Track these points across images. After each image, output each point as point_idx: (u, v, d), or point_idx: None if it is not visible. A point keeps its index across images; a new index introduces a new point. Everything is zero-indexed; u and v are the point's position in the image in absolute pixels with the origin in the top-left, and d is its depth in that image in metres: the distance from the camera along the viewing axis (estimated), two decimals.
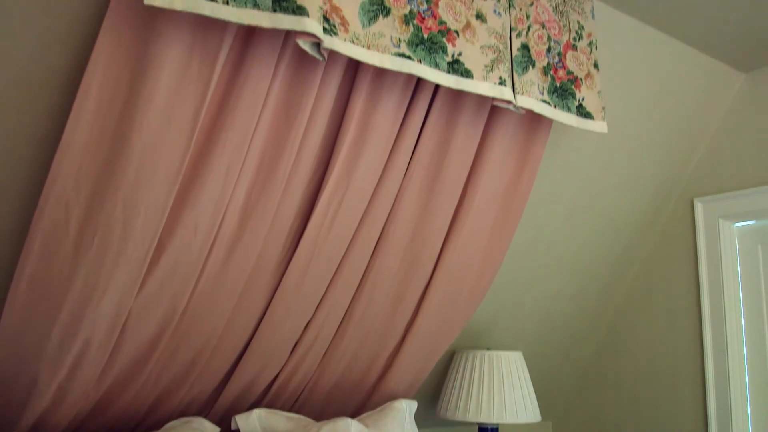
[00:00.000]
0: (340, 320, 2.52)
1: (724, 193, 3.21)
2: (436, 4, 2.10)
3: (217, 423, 2.44)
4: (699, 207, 3.30)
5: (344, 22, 1.90)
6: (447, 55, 2.08)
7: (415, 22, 2.04)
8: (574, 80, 2.41)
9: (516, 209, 2.62)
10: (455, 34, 2.12)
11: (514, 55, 2.26)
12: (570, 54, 2.42)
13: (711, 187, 3.29)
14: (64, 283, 1.88)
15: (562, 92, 2.37)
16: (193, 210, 1.97)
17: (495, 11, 2.23)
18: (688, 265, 3.32)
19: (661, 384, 3.38)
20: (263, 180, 2.09)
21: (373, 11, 1.96)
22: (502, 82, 2.18)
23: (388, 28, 1.98)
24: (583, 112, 2.42)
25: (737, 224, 3.24)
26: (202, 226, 2.01)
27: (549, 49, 2.37)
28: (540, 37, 2.35)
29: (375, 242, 2.42)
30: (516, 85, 2.25)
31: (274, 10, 1.73)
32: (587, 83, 2.45)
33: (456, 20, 2.13)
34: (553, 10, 2.42)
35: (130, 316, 2.06)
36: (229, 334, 2.31)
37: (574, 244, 3.29)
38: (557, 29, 2.41)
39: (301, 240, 2.25)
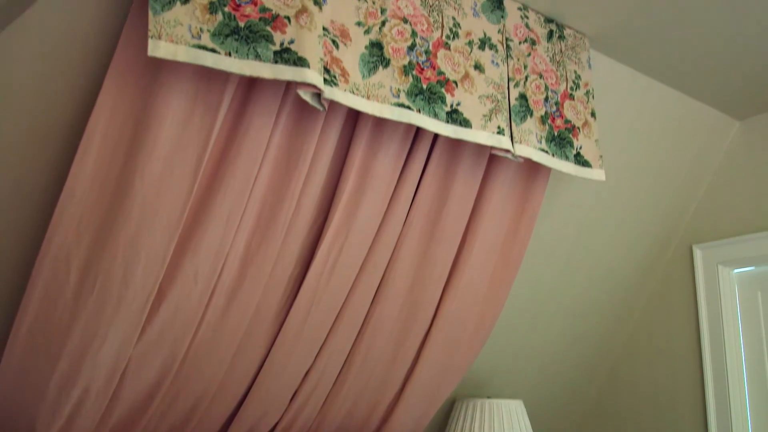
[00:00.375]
0: (340, 367, 2.51)
1: (723, 239, 3.22)
2: (435, 55, 2.13)
3: None
4: (698, 253, 3.30)
5: (344, 73, 1.93)
6: (446, 105, 2.11)
7: (414, 72, 2.07)
8: (572, 129, 2.44)
9: (515, 257, 2.62)
10: (454, 85, 2.15)
11: (512, 104, 2.29)
12: (567, 103, 2.46)
13: (709, 233, 3.30)
14: (64, 330, 1.88)
15: (560, 141, 2.40)
16: (193, 258, 1.98)
17: (493, 62, 2.27)
18: (688, 312, 3.31)
19: (663, 430, 3.35)
20: (264, 228, 2.10)
21: (372, 62, 2.00)
22: (500, 132, 2.20)
23: (388, 78, 2.02)
24: (580, 160, 2.44)
25: (736, 270, 3.23)
26: (202, 273, 2.01)
27: (546, 99, 2.40)
28: (537, 86, 2.38)
29: (375, 289, 2.43)
30: (514, 134, 2.27)
31: (276, 62, 1.77)
32: (585, 132, 2.48)
33: (454, 71, 2.16)
34: (550, 61, 2.45)
35: (129, 364, 2.05)
36: (229, 381, 2.30)
37: (574, 291, 3.29)
38: (554, 79, 2.44)
39: (301, 288, 2.26)
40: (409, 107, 2.03)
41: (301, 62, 1.77)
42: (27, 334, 1.86)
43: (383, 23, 2.06)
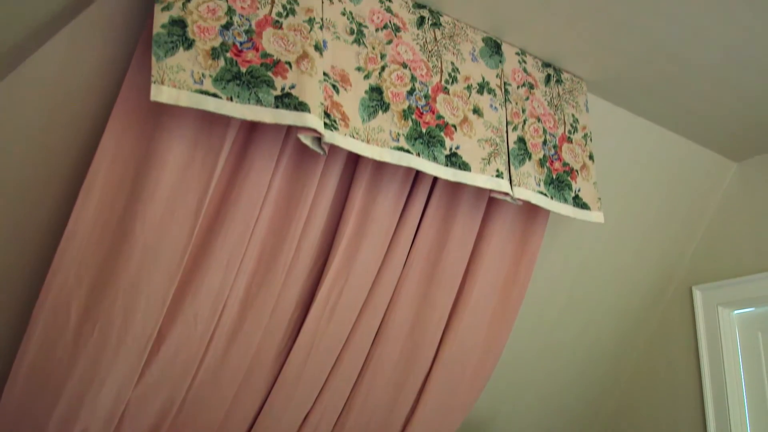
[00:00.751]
0: (340, 410, 2.49)
1: (722, 280, 3.21)
2: (434, 100, 2.16)
3: None
4: (698, 295, 3.29)
5: (344, 118, 1.95)
6: (445, 149, 2.13)
7: (413, 116, 2.09)
8: (570, 172, 2.46)
9: (515, 299, 2.62)
10: (453, 128, 2.17)
11: (510, 147, 2.31)
12: (565, 146, 2.48)
13: (709, 274, 3.29)
14: (63, 372, 1.87)
15: (559, 183, 2.41)
16: (193, 300, 1.98)
17: (491, 106, 2.29)
18: (689, 353, 3.29)
19: None
20: (264, 271, 2.11)
21: (372, 107, 2.02)
22: (499, 175, 2.22)
23: (388, 122, 2.04)
24: (579, 202, 2.46)
25: (736, 311, 3.22)
26: (202, 316, 2.02)
27: (545, 142, 2.42)
28: (536, 130, 2.40)
29: (375, 332, 2.42)
30: (513, 177, 2.29)
31: (277, 107, 1.79)
32: (583, 174, 2.50)
33: (453, 115, 2.18)
34: (548, 104, 2.48)
35: (128, 407, 2.04)
36: (229, 423, 2.28)
37: (574, 332, 3.28)
38: (552, 122, 2.47)
39: (301, 330, 2.25)
40: (408, 151, 2.05)
41: (301, 107, 1.79)
42: (26, 376, 1.86)
43: (383, 68, 2.09)
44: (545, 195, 2.36)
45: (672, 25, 2.24)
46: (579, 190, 2.47)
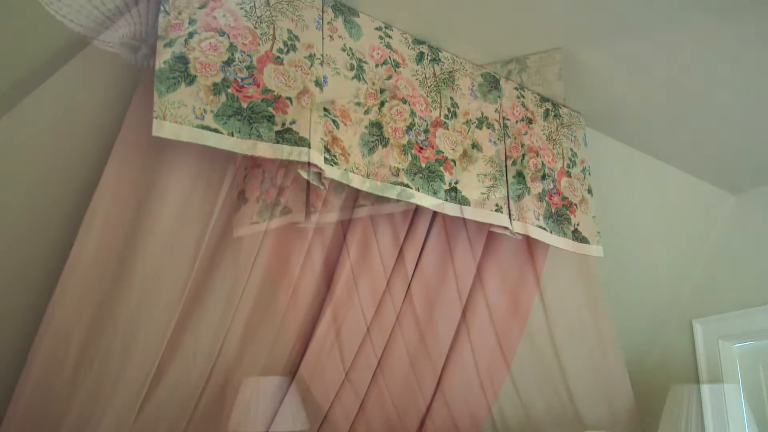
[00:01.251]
0: None
1: (723, 313, 3.20)
2: (434, 135, 2.17)
3: None
4: (698, 328, 3.28)
5: (344, 152, 1.96)
6: (444, 183, 2.14)
7: (413, 151, 2.10)
8: (569, 206, 2.47)
9: (516, 331, 2.61)
10: (452, 163, 2.18)
11: (509, 182, 2.32)
12: (564, 180, 2.48)
13: (709, 307, 3.28)
14: (62, 407, 1.86)
15: (558, 217, 2.42)
16: (193, 335, 1.98)
17: (490, 140, 2.30)
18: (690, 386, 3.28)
19: None
20: (264, 304, 2.11)
21: (372, 142, 2.03)
22: (498, 209, 2.23)
23: (387, 157, 2.05)
24: (578, 236, 2.46)
25: (737, 345, 3.21)
26: (201, 351, 2.01)
27: (544, 176, 2.43)
28: (534, 164, 2.41)
29: (376, 364, 2.41)
30: (512, 211, 2.29)
31: (277, 142, 1.80)
32: (582, 208, 2.50)
33: (453, 149, 2.19)
34: (547, 139, 2.49)
35: None
36: None
37: (575, 366, 3.26)
38: (551, 156, 2.47)
39: (301, 364, 2.25)
40: (408, 185, 2.06)
41: (302, 142, 1.80)
42: (24, 412, 1.84)
43: (383, 103, 2.10)
44: (544, 229, 2.36)
45: (670, 61, 2.26)
46: (578, 224, 2.47)
